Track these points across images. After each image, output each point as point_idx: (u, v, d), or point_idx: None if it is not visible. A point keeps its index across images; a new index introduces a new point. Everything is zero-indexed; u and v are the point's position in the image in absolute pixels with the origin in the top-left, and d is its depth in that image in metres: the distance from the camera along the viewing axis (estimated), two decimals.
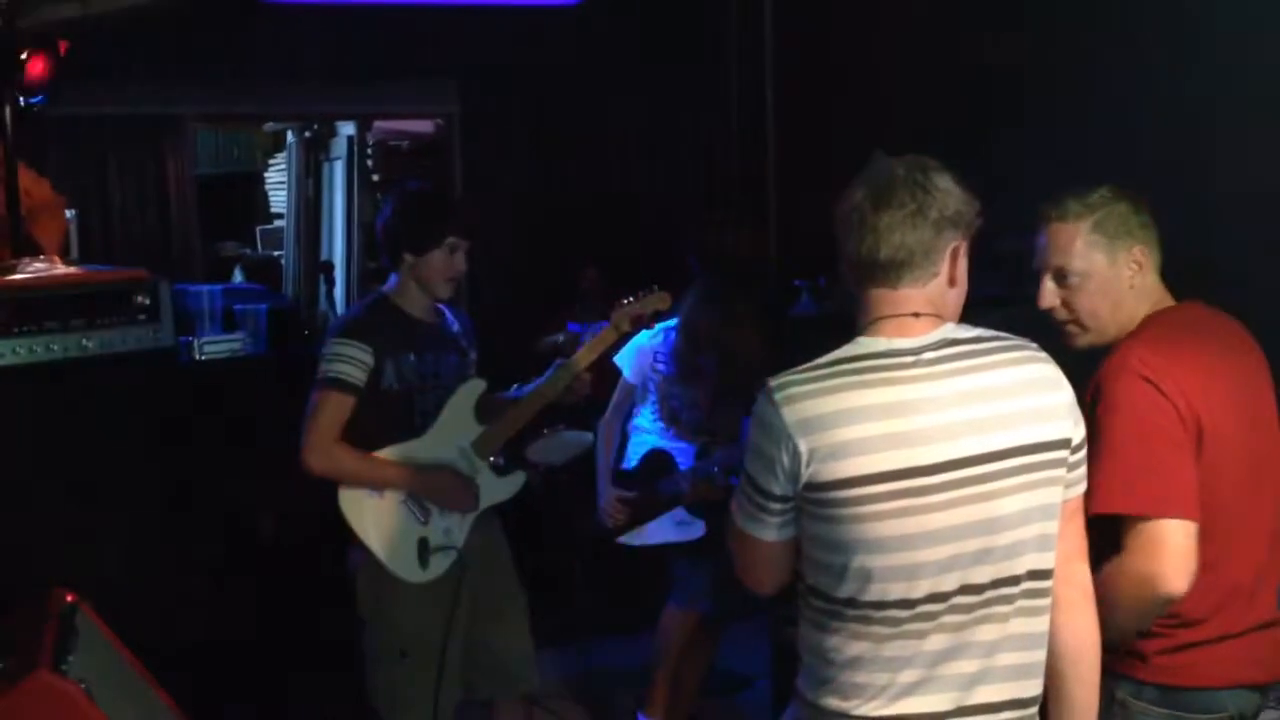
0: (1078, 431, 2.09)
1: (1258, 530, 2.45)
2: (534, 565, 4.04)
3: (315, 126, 8.59)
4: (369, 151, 8.39)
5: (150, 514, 3.80)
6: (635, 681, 4.41)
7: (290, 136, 8.91)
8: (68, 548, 3.51)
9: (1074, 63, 4.86)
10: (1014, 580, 2.02)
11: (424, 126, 8.21)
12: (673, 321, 4.20)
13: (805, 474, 1.98)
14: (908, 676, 2.01)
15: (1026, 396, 2.02)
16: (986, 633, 2.01)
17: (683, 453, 4.19)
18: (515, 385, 5.31)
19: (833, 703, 2.05)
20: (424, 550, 3.43)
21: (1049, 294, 2.49)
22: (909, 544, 1.97)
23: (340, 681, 3.71)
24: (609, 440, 4.32)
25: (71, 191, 5.85)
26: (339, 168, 8.45)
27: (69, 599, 2.93)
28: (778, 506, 2.05)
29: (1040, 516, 2.03)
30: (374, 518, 3.43)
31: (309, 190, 8.73)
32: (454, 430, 3.53)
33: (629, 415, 4.36)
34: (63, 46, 4.38)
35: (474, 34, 6.80)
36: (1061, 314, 2.50)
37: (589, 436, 5.78)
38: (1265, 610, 2.46)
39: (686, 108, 7.17)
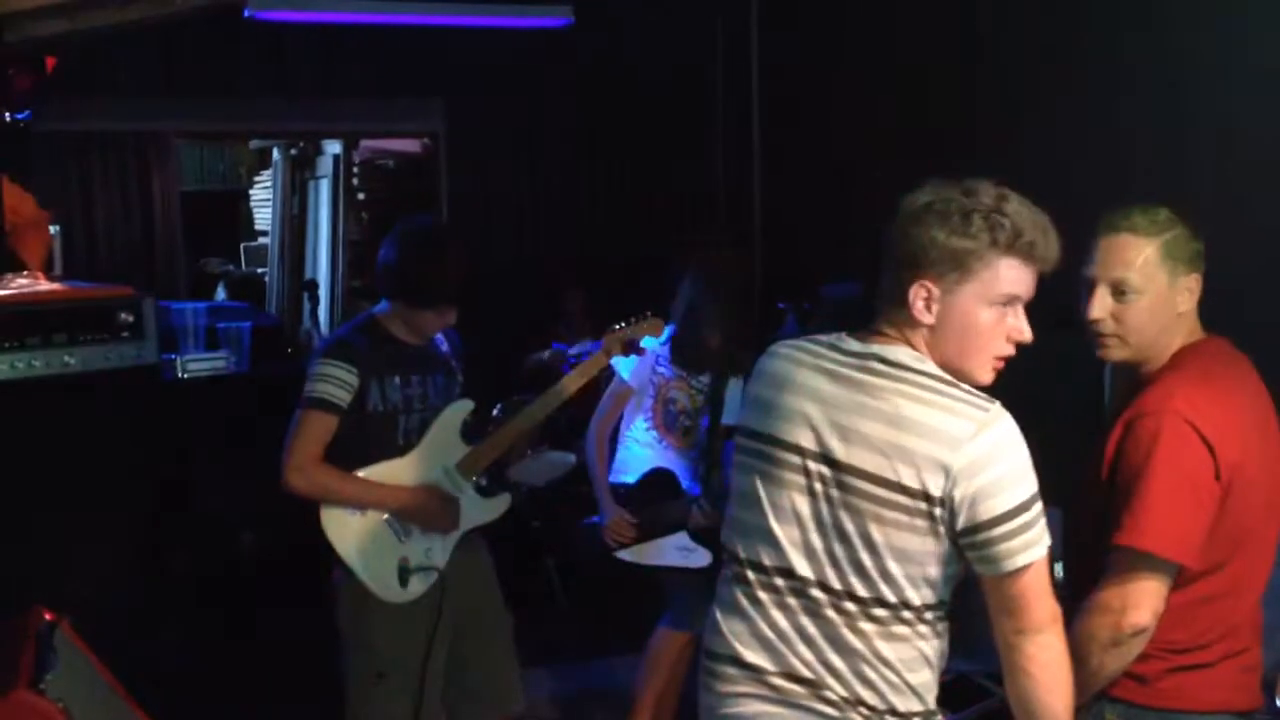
0: (984, 507, 2.02)
1: (1261, 568, 2.48)
2: (518, 585, 4.03)
3: (301, 144, 8.60)
4: (355, 170, 8.38)
5: (131, 532, 3.78)
6: (620, 702, 4.39)
7: (276, 154, 8.91)
8: (47, 565, 3.49)
9: (1064, 81, 4.89)
10: (817, 584, 2.11)
11: (411, 145, 8.23)
12: (669, 329, 4.20)
13: None
14: (733, 625, 2.21)
15: (900, 431, 2.03)
16: (786, 619, 2.14)
17: (676, 465, 4.19)
18: (499, 405, 5.32)
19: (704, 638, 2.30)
20: (404, 570, 3.42)
21: (1100, 305, 2.43)
22: (749, 503, 2.18)
23: (320, 701, 3.69)
24: (601, 450, 4.26)
25: (56, 207, 5.85)
26: (324, 185, 8.45)
27: (48, 617, 2.91)
28: None
29: (843, 538, 2.08)
30: (355, 537, 3.41)
31: (294, 208, 8.73)
32: (439, 450, 3.52)
33: (619, 422, 4.33)
34: (49, 62, 4.38)
35: (461, 54, 6.82)
36: (1108, 326, 2.44)
37: (572, 458, 5.79)
38: (1254, 643, 2.49)
39: (673, 130, 7.19)
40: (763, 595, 2.16)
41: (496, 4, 6.25)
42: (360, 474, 3.41)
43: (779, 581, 2.14)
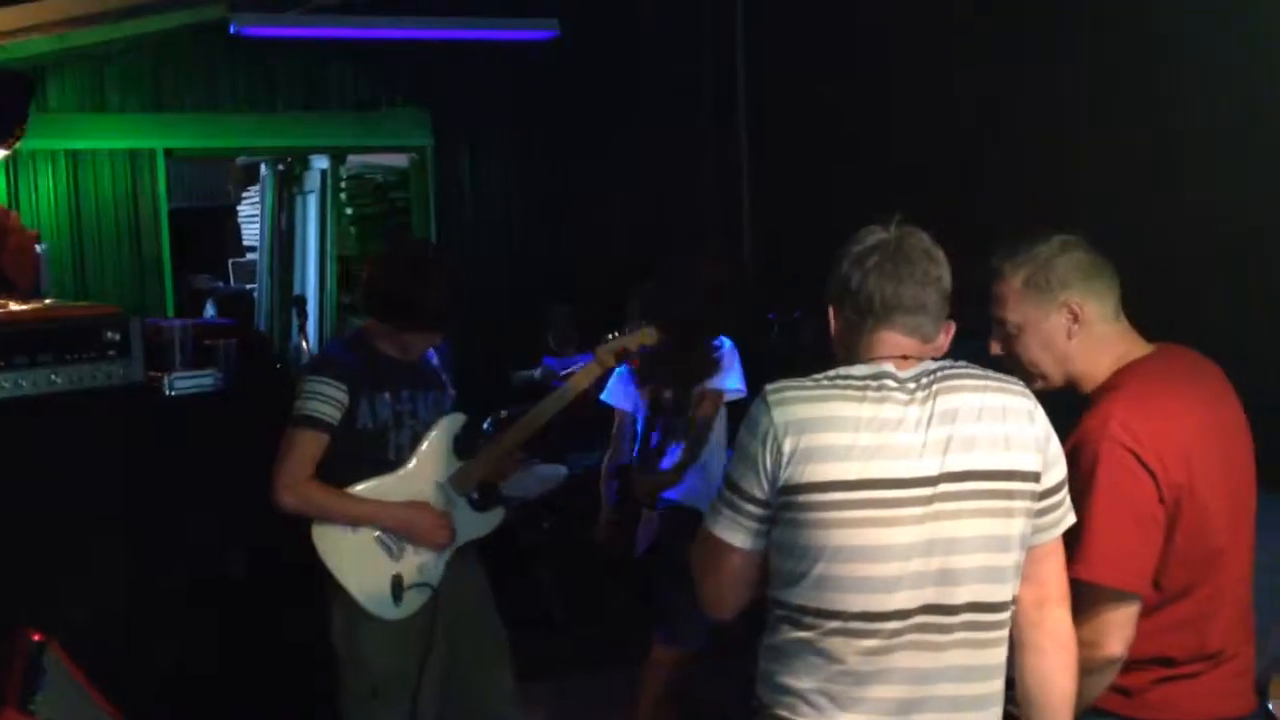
0: (1052, 474, 2.13)
1: (1238, 577, 2.47)
2: (513, 599, 4.01)
3: (288, 159, 8.58)
4: (342, 184, 8.37)
5: (120, 551, 3.76)
6: (618, 718, 4.37)
7: (263, 169, 8.89)
8: (36, 586, 3.47)
9: (1043, 99, 4.90)
10: (955, 609, 2.05)
11: (398, 159, 8.21)
12: None
13: (784, 475, 2.04)
14: (855, 690, 2.05)
15: (989, 422, 2.07)
16: (925, 659, 2.05)
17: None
18: (488, 420, 5.31)
19: (781, 712, 2.10)
20: (398, 587, 3.41)
21: (994, 343, 2.55)
22: (869, 555, 2.02)
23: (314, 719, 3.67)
24: (604, 476, 4.37)
25: (42, 225, 5.83)
26: (312, 200, 8.42)
27: (36, 638, 2.90)
28: (754, 510, 2.10)
29: (987, 546, 2.05)
30: (348, 554, 3.40)
31: (282, 223, 8.70)
32: (431, 466, 3.51)
33: (627, 449, 4.36)
34: (36, 81, 4.37)
35: (448, 68, 6.82)
36: (1009, 361, 2.52)
37: (563, 470, 5.78)
38: (1242, 649, 2.48)
39: (662, 143, 7.19)
40: (883, 643, 2.04)
41: (481, 18, 6.26)
42: (352, 491, 3.39)
43: (905, 623, 2.03)
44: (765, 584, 2.16)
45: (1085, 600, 2.29)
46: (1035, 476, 2.09)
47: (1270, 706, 2.80)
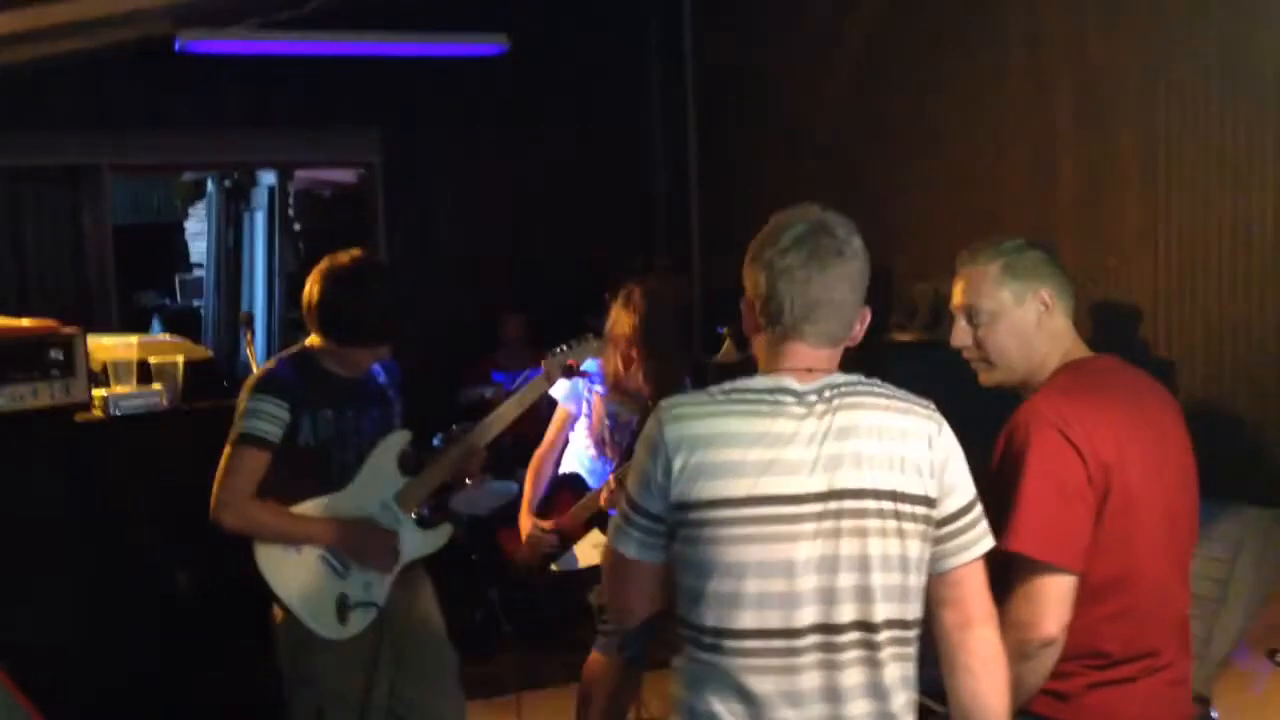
0: (951, 500, 2.10)
1: (1175, 581, 2.52)
2: (461, 617, 4.00)
3: (235, 175, 8.54)
4: (290, 200, 8.34)
5: (65, 573, 3.73)
6: None
7: (210, 185, 8.84)
8: None
9: (984, 114, 4.95)
10: (843, 628, 2.04)
11: (347, 174, 8.20)
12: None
13: (675, 491, 2.04)
14: (756, 712, 2.03)
15: (886, 441, 2.06)
16: (822, 678, 2.04)
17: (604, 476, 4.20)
18: (438, 435, 5.29)
19: None
20: (343, 606, 3.39)
21: (961, 333, 2.60)
22: (762, 571, 2.02)
23: None
24: (536, 473, 4.28)
25: None
26: (260, 216, 8.39)
27: None
28: (645, 523, 2.10)
29: (874, 565, 2.04)
30: (292, 574, 3.38)
31: (229, 239, 8.66)
32: (376, 483, 3.49)
33: (563, 449, 4.34)
34: None
35: (396, 83, 6.82)
36: (972, 352, 2.59)
37: (515, 486, 5.75)
38: (1179, 659, 2.52)
39: (610, 158, 7.22)
40: (780, 661, 2.03)
41: (430, 33, 6.26)
42: (295, 509, 3.37)
43: (799, 642, 2.03)
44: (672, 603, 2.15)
45: (1018, 579, 2.33)
46: (927, 501, 2.07)
47: (1214, 714, 2.84)
